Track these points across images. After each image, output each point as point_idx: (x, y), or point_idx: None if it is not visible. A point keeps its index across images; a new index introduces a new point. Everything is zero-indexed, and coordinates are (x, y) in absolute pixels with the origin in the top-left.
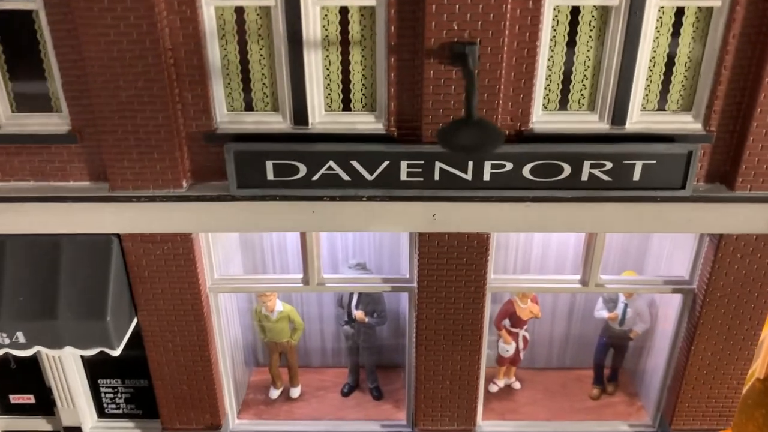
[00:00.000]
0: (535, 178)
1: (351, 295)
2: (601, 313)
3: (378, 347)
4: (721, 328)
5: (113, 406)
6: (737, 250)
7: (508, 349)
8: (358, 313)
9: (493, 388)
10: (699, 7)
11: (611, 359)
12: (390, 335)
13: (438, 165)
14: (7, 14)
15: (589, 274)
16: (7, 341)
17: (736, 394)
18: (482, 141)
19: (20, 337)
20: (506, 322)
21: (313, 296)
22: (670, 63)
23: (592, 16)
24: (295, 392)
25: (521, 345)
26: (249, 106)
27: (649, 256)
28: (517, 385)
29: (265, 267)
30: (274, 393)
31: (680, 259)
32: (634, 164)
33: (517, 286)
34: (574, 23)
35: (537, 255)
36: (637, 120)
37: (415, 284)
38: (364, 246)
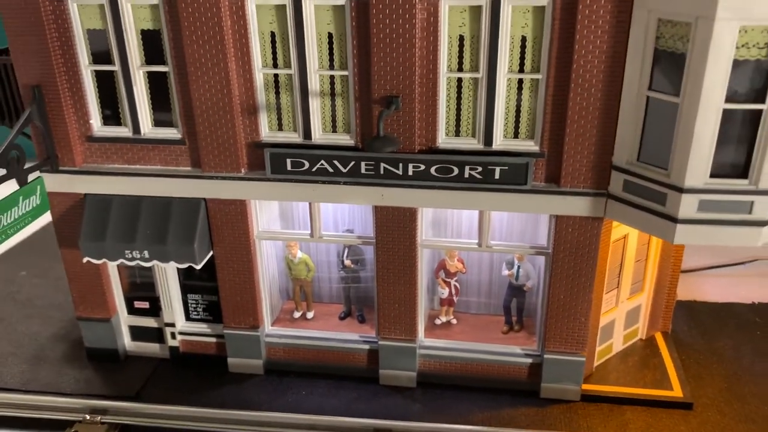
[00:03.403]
0: (438, 175)
1: (344, 250)
2: (504, 271)
3: (364, 287)
4: (566, 279)
5: (195, 313)
6: (568, 226)
7: (443, 292)
8: (347, 261)
9: (437, 322)
10: (531, 79)
11: (516, 307)
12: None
13: (382, 164)
14: (153, 75)
15: (483, 239)
16: (138, 256)
17: (584, 328)
18: (386, 145)
19: (146, 254)
20: (441, 273)
21: (323, 257)
22: (518, 110)
23: (469, 82)
24: (310, 315)
25: (453, 291)
26: (280, 128)
27: (535, 233)
28: (454, 321)
29: (294, 228)
30: (296, 314)
31: (544, 232)
32: (495, 168)
33: (439, 244)
34: (459, 86)
35: (466, 228)
36: (500, 143)
37: (375, 240)
38: (355, 217)
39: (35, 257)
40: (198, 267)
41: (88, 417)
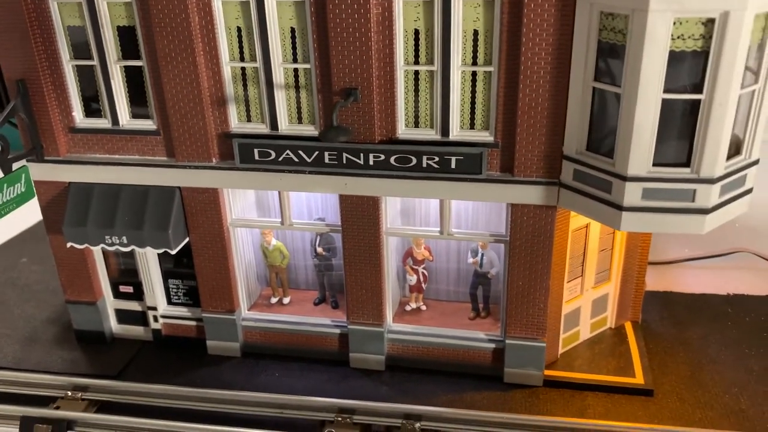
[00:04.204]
0: (397, 165)
1: (316, 237)
2: (469, 259)
3: (337, 274)
4: (523, 265)
5: (176, 297)
6: (523, 214)
7: (412, 279)
8: (319, 249)
9: (408, 308)
10: (484, 71)
11: (481, 294)
12: None
13: (344, 154)
14: (129, 69)
15: (444, 226)
16: (117, 241)
17: (543, 314)
18: (339, 135)
19: (124, 239)
20: (409, 261)
21: (298, 244)
22: (473, 101)
23: (425, 75)
24: (286, 300)
25: (421, 278)
26: (248, 119)
27: (499, 222)
28: (423, 308)
29: (270, 216)
30: (273, 300)
31: (502, 221)
32: (451, 158)
33: (403, 232)
34: (416, 79)
35: (434, 217)
36: (456, 134)
37: (341, 228)
38: (327, 206)
39: (36, 245)
40: (173, 252)
41: (69, 393)
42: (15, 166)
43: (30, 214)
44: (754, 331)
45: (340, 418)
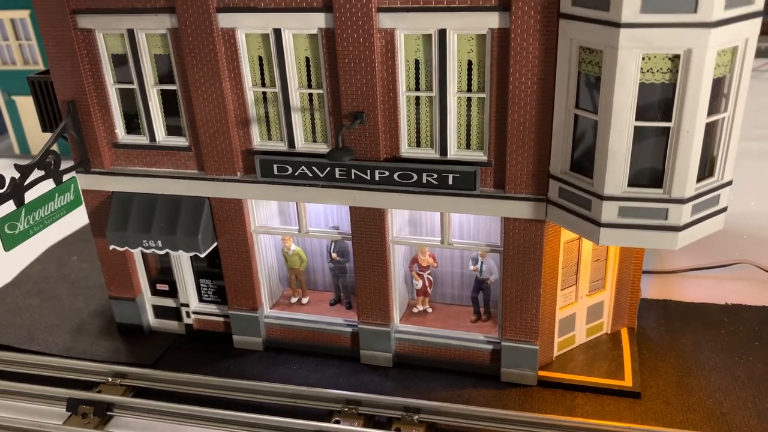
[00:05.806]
0: (400, 180)
1: (331, 244)
2: (470, 267)
3: (350, 277)
4: (516, 274)
5: (206, 295)
6: (515, 227)
7: (418, 284)
8: (334, 254)
9: (415, 310)
10: (477, 97)
11: (482, 299)
12: None
13: (353, 171)
14: (165, 92)
15: (445, 236)
16: (153, 245)
17: (534, 319)
18: (344, 155)
19: (159, 243)
20: (415, 267)
21: (316, 249)
22: (468, 124)
23: (425, 100)
24: (305, 300)
25: (427, 283)
26: (269, 137)
27: (495, 233)
28: (429, 310)
29: (291, 224)
30: (293, 299)
31: (498, 232)
32: (449, 175)
33: (407, 241)
34: (417, 104)
35: (439, 227)
36: (454, 153)
37: (352, 236)
38: (342, 216)
39: (85, 244)
40: (202, 255)
41: (110, 380)
42: (65, 177)
43: (79, 217)
44: (746, 340)
45: (346, 409)
